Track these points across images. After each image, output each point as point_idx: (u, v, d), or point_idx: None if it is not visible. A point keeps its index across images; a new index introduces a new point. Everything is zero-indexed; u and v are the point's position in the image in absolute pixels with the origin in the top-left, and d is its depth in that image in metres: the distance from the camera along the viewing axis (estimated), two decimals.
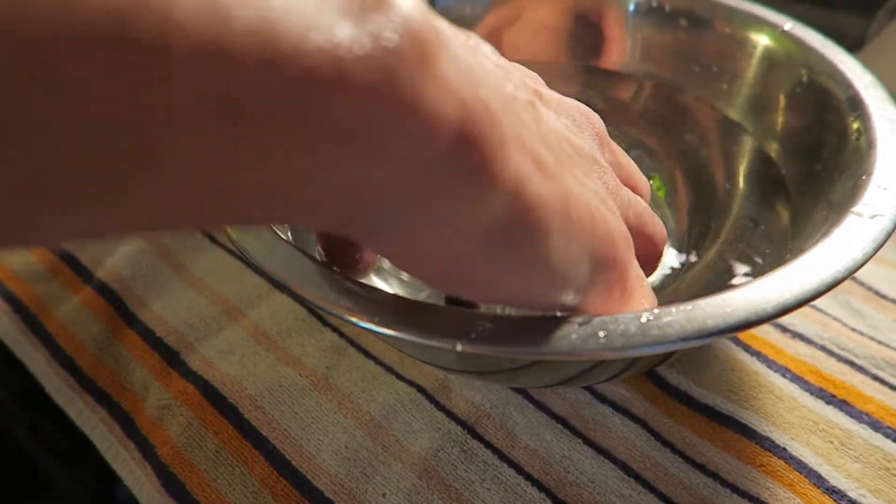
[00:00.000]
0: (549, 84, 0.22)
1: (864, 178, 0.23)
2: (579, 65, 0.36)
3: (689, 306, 0.19)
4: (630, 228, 0.20)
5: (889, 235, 0.20)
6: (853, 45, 0.39)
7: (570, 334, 0.18)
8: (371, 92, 0.13)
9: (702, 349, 0.29)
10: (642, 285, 0.21)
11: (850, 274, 0.19)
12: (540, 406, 0.28)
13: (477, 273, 0.17)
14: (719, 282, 0.27)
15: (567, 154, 0.19)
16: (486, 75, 0.15)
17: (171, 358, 0.31)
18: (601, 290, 0.19)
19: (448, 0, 0.35)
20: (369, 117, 0.13)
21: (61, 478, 0.39)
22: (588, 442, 0.26)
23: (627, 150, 0.24)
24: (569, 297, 0.19)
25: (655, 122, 0.34)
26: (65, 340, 0.33)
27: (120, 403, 0.30)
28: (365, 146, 0.13)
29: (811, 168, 0.27)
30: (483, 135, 0.15)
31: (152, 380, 0.30)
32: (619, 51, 0.35)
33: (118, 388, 0.31)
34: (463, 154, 0.14)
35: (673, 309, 0.19)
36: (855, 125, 0.25)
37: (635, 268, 0.20)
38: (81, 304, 0.34)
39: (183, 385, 0.30)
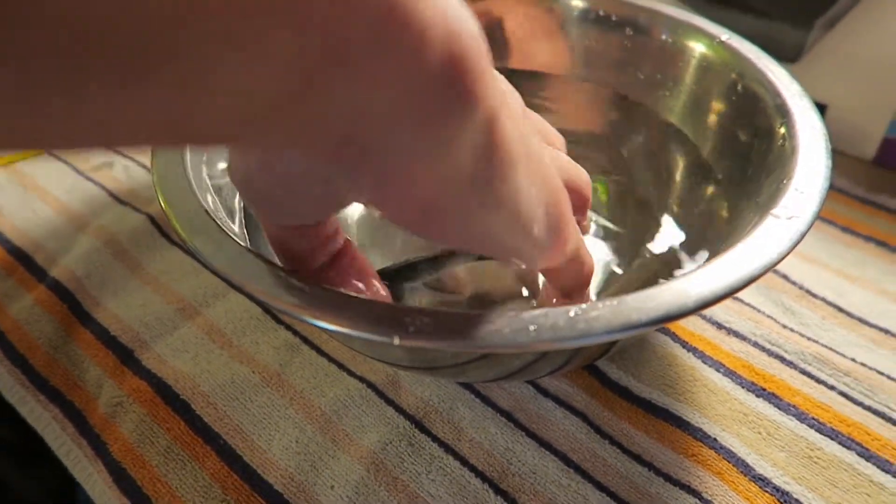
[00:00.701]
0: None
1: (785, 181, 0.24)
2: (525, 70, 0.37)
3: (615, 301, 0.20)
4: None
5: (803, 236, 0.22)
6: (792, 55, 0.41)
7: (503, 328, 0.19)
8: (362, 3, 0.13)
9: (641, 345, 0.30)
10: (583, 241, 0.22)
11: (766, 271, 0.21)
12: (486, 401, 0.29)
13: (454, 209, 0.17)
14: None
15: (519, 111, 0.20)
16: (468, 16, 0.16)
17: (124, 356, 0.31)
18: (554, 243, 0.20)
19: None
20: (361, 30, 0.13)
21: (20, 480, 0.39)
22: (531, 435, 0.27)
23: (568, 153, 0.25)
24: (529, 244, 0.20)
25: (598, 126, 0.35)
26: (17, 339, 0.33)
27: (73, 402, 0.30)
28: (357, 61, 0.13)
29: (743, 172, 0.28)
30: (471, 58, 0.15)
31: (105, 378, 0.31)
32: (565, 57, 0.36)
33: (71, 386, 0.31)
34: (453, 72, 0.15)
35: (600, 304, 0.20)
36: (781, 131, 0.27)
37: (574, 222, 0.22)
38: (35, 303, 0.34)
39: (136, 383, 0.30)
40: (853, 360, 0.29)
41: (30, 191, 0.40)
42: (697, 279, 0.20)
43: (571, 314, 0.19)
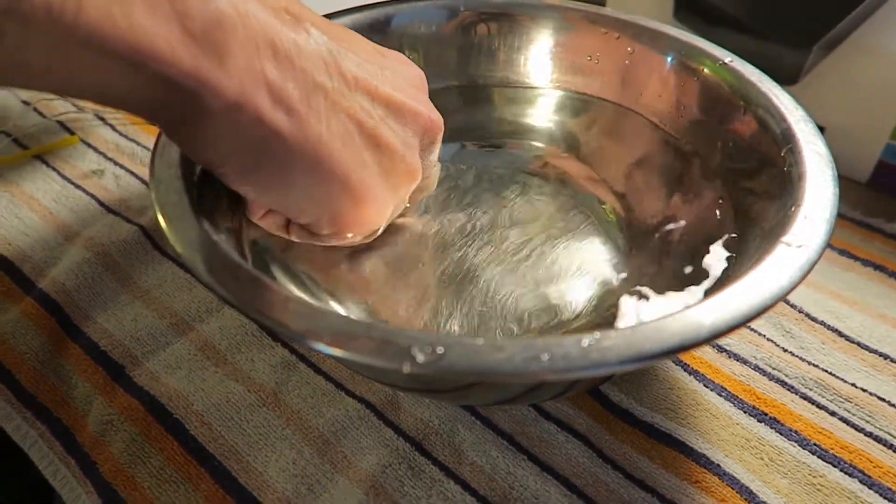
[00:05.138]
0: None
1: (793, 208, 0.24)
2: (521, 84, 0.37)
3: (628, 330, 0.20)
4: None
5: (814, 265, 0.22)
6: (790, 78, 0.41)
7: (514, 356, 0.19)
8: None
9: (645, 367, 0.30)
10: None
11: (777, 301, 0.21)
12: (487, 423, 0.28)
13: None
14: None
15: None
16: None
17: (115, 372, 0.30)
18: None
19: (402, 19, 0.36)
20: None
21: None
22: (533, 458, 0.27)
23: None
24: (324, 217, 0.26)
25: (601, 148, 0.35)
26: (3, 353, 0.32)
27: (61, 419, 0.30)
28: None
29: (748, 195, 0.28)
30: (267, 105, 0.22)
31: (95, 394, 0.30)
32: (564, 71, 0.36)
33: (59, 403, 0.30)
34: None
35: (612, 332, 0.19)
36: (787, 157, 0.27)
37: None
38: (22, 316, 0.33)
39: (127, 400, 0.29)
40: (854, 385, 0.29)
41: (16, 198, 0.39)
42: (711, 308, 0.20)
43: (585, 343, 0.19)
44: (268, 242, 0.29)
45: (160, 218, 0.23)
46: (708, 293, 0.26)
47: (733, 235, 0.28)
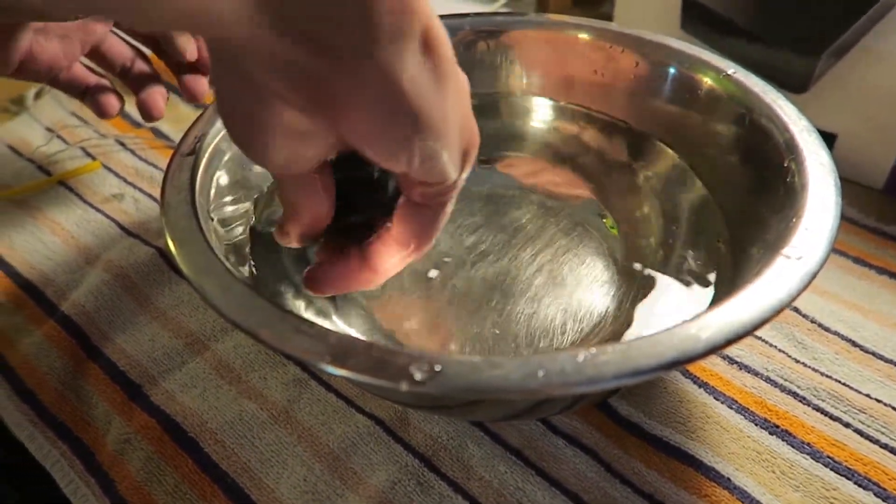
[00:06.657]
0: None
1: (794, 219, 0.24)
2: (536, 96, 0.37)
3: (624, 346, 0.20)
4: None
5: (813, 277, 0.21)
6: (800, 85, 0.41)
7: (511, 374, 0.19)
8: None
9: (651, 380, 0.30)
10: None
11: (776, 314, 0.20)
12: (496, 438, 0.28)
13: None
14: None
15: None
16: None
17: (133, 392, 0.31)
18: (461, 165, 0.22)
19: None
20: None
21: (17, 501, 0.39)
22: (541, 473, 0.27)
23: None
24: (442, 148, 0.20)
25: (602, 160, 0.35)
26: (27, 374, 0.33)
27: (81, 438, 0.30)
28: None
29: (749, 206, 0.28)
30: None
31: (114, 414, 0.31)
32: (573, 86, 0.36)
33: (79, 422, 0.31)
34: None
35: (609, 347, 0.20)
36: (790, 167, 0.27)
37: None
38: (44, 338, 0.34)
39: (144, 419, 0.30)
40: (868, 396, 0.29)
41: (40, 223, 0.41)
42: (707, 322, 0.20)
43: (580, 359, 0.19)
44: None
45: (170, 242, 0.24)
46: (711, 304, 0.26)
47: (732, 246, 0.28)
